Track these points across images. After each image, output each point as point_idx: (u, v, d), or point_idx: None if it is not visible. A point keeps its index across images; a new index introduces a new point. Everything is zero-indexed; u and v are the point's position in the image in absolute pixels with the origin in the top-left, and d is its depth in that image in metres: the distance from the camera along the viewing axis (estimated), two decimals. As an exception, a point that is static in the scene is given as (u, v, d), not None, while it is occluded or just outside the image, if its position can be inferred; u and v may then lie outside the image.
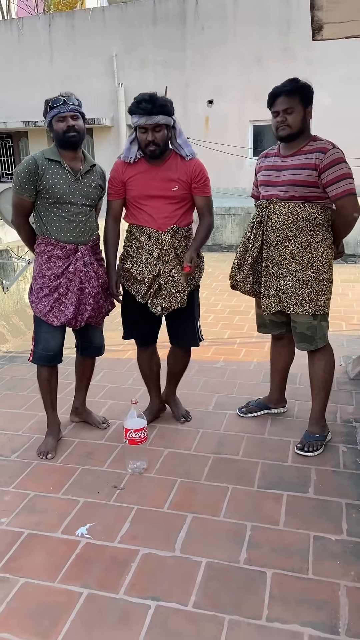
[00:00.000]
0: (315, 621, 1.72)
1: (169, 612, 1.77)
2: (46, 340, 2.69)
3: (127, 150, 2.66)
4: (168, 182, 2.64)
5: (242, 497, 2.37)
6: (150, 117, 2.49)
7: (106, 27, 10.45)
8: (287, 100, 2.51)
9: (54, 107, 2.51)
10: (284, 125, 2.53)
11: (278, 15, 9.56)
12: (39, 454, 2.73)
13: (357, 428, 2.96)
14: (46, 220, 2.60)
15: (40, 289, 2.65)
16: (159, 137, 2.54)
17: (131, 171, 2.68)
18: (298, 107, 2.51)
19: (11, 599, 1.83)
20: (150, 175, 2.65)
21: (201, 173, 2.67)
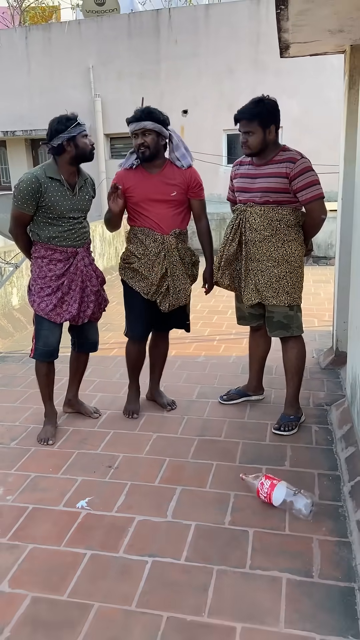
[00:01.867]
0: (292, 568, 1.97)
1: (164, 565, 2.01)
2: (46, 337, 2.88)
3: (126, 160, 2.97)
4: (167, 187, 2.92)
5: (226, 471, 2.62)
6: (139, 122, 2.83)
7: (82, 40, 10.69)
8: (246, 124, 2.77)
9: (77, 125, 2.73)
10: (245, 145, 2.83)
11: (248, 29, 9.93)
12: (40, 440, 2.93)
13: (328, 410, 3.24)
14: (46, 230, 2.78)
15: (41, 289, 2.83)
16: (148, 140, 2.84)
17: (131, 180, 2.94)
18: (257, 130, 2.76)
19: (22, 562, 2.04)
20: (150, 182, 2.93)
21: (196, 179, 2.99)
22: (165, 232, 2.96)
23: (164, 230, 2.96)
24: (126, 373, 3.80)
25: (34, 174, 2.70)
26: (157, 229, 2.96)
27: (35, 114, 11.11)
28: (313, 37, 3.21)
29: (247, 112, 2.75)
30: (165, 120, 2.90)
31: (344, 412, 3.04)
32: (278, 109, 2.78)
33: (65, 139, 2.69)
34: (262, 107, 2.74)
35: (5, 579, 1.95)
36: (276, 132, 2.82)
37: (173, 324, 3.25)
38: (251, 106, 2.75)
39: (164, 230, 2.96)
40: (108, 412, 3.31)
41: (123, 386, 3.68)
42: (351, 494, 2.36)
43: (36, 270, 2.86)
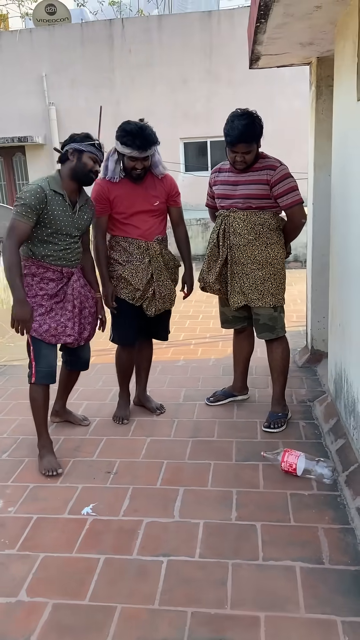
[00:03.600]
0: (303, 556, 2.05)
1: (179, 564, 2.04)
2: (47, 356, 2.72)
3: (111, 171, 2.93)
4: (151, 198, 2.99)
5: (224, 470, 2.68)
6: (143, 151, 2.80)
7: (34, 48, 10.61)
8: (246, 146, 2.82)
9: (92, 145, 2.65)
10: (242, 162, 2.89)
11: (200, 40, 10.15)
12: (46, 471, 2.68)
13: (312, 406, 3.36)
14: (41, 248, 2.66)
15: (33, 309, 2.68)
16: (146, 164, 2.89)
17: (116, 190, 2.96)
18: (254, 147, 2.86)
19: (36, 570, 2.03)
20: (136, 193, 2.97)
21: (175, 187, 3.08)
22: (149, 239, 3.03)
23: (148, 237, 3.03)
24: (109, 380, 3.84)
25: (39, 185, 2.59)
26: (141, 237, 3.02)
27: (-13, 123, 10.91)
28: (284, 49, 3.35)
29: (247, 135, 2.77)
30: (158, 141, 2.91)
31: (328, 407, 3.17)
32: (262, 122, 2.88)
33: (72, 149, 2.64)
34: (257, 127, 2.80)
35: (23, 589, 1.93)
36: None
37: (156, 332, 3.31)
38: (248, 128, 2.76)
39: (148, 237, 3.03)
40: (97, 419, 3.30)
41: (107, 393, 3.69)
42: (347, 483, 2.46)
43: (26, 289, 2.68)
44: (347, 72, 2.62)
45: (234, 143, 2.83)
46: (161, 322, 3.26)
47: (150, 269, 3.01)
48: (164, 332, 3.33)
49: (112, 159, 2.92)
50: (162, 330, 3.31)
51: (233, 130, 2.80)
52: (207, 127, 10.22)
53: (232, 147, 2.86)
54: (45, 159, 11.04)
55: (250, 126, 2.80)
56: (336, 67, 2.91)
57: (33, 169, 11.22)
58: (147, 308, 3.08)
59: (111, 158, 2.92)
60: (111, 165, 2.92)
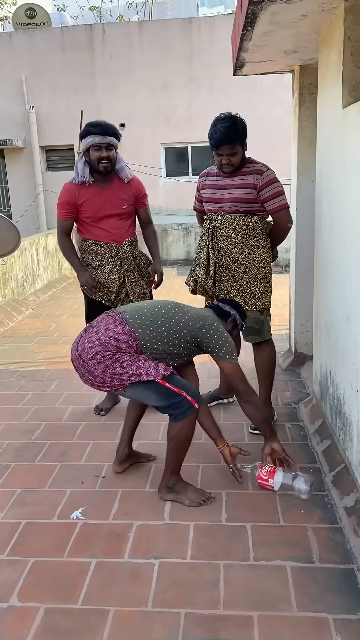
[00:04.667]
0: (293, 556, 2.07)
1: (171, 565, 2.04)
2: (181, 380, 2.43)
3: (81, 171, 3.07)
4: (119, 201, 3.10)
5: (213, 472, 2.69)
6: (106, 137, 2.99)
7: (14, 52, 10.54)
8: (230, 148, 2.85)
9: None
10: (229, 165, 2.92)
11: (181, 46, 10.22)
12: (203, 501, 2.42)
13: (297, 408, 3.40)
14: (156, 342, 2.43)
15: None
16: (111, 155, 3.04)
17: (84, 195, 3.07)
18: (239, 150, 2.89)
19: (27, 575, 2.01)
20: (103, 198, 3.08)
21: (142, 189, 3.24)
22: (120, 242, 3.17)
23: (118, 240, 3.17)
24: (94, 384, 3.82)
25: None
26: (112, 241, 3.16)
27: (-35, 125, 10.79)
28: (268, 57, 3.40)
29: (229, 137, 2.80)
30: (120, 136, 3.13)
31: (314, 409, 3.21)
32: (246, 124, 2.91)
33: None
34: (239, 128, 2.84)
35: (14, 594, 1.91)
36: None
37: None
38: (230, 130, 2.80)
39: (118, 240, 3.17)
40: (83, 423, 3.29)
41: (93, 397, 3.67)
42: (334, 483, 2.50)
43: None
44: (332, 80, 2.67)
45: (217, 145, 2.87)
46: None
47: (122, 271, 3.15)
48: None
49: (80, 162, 3.10)
50: None
51: (216, 133, 2.85)
52: (187, 132, 10.29)
53: (217, 150, 2.90)
54: (25, 163, 10.96)
55: (232, 128, 2.84)
56: (320, 75, 2.97)
57: (12, 172, 11.13)
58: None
59: (80, 161, 3.10)
60: (80, 166, 3.09)
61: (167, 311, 2.46)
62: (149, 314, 2.44)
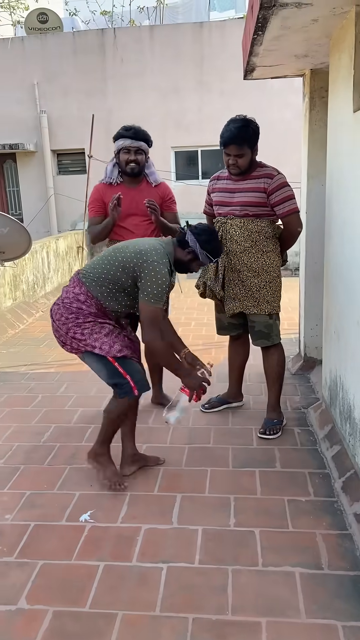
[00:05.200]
0: (302, 562, 2.06)
1: (179, 570, 2.04)
2: (134, 364, 2.55)
3: (110, 172, 3.15)
4: (143, 203, 3.08)
5: (221, 476, 2.68)
6: (136, 141, 3.05)
7: (26, 56, 10.61)
8: (238, 149, 2.86)
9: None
10: (235, 166, 2.93)
11: (191, 50, 10.23)
12: (113, 484, 2.56)
13: (306, 413, 3.38)
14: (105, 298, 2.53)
15: (93, 330, 2.52)
16: (140, 159, 3.11)
17: (111, 194, 3.10)
18: (247, 152, 2.88)
19: (35, 578, 2.01)
20: (129, 197, 3.10)
21: (170, 194, 3.27)
22: None
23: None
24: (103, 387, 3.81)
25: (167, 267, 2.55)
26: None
27: (-23, 129, 10.88)
28: (279, 61, 3.40)
29: (239, 137, 2.81)
30: (151, 142, 3.17)
31: (323, 414, 3.19)
32: (259, 129, 2.91)
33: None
34: (251, 131, 2.84)
35: (22, 596, 1.92)
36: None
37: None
38: (241, 131, 2.82)
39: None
40: (92, 426, 3.29)
41: (102, 400, 3.67)
42: (344, 489, 2.48)
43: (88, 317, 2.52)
44: (343, 84, 2.67)
45: (225, 144, 2.89)
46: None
47: None
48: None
49: (110, 163, 3.18)
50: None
51: (226, 132, 2.88)
52: (198, 136, 10.29)
53: (225, 149, 2.91)
54: (36, 167, 11.03)
55: (243, 129, 2.85)
56: (331, 79, 2.96)
57: (23, 176, 11.20)
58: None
59: (110, 163, 3.18)
60: (109, 168, 3.17)
61: (110, 257, 2.48)
62: (97, 268, 2.50)
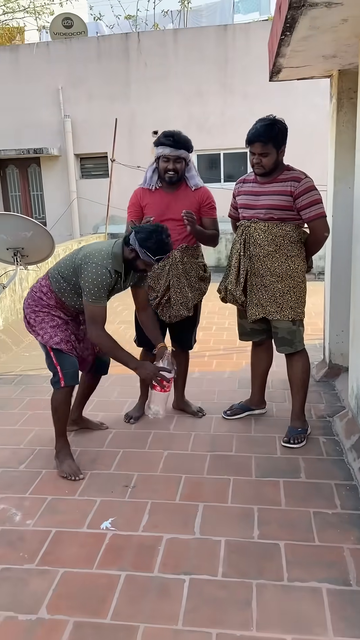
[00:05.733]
0: (329, 577, 2.00)
1: (202, 583, 1.99)
2: (68, 358, 2.77)
3: (149, 179, 3.11)
4: (179, 206, 3.05)
5: (244, 486, 2.63)
6: (176, 150, 2.97)
7: (51, 61, 10.72)
8: (262, 147, 2.82)
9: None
10: (259, 166, 2.89)
11: (215, 53, 10.22)
12: (68, 476, 2.71)
13: (332, 422, 3.30)
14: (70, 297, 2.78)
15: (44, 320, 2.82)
16: (179, 167, 3.03)
17: (148, 198, 3.11)
18: (272, 151, 2.84)
19: (56, 586, 1.99)
20: (166, 203, 3.08)
21: (209, 198, 3.15)
22: (173, 247, 3.03)
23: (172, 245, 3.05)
24: (124, 391, 3.83)
25: (106, 268, 2.67)
26: None
27: (2, 134, 11.03)
28: (306, 62, 3.34)
29: (263, 135, 2.79)
30: (192, 148, 3.09)
31: (349, 423, 3.11)
32: (287, 130, 2.86)
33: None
34: (277, 130, 2.80)
35: (43, 606, 1.89)
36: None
37: (181, 343, 3.37)
38: (266, 129, 2.79)
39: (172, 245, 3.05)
40: (113, 431, 3.27)
41: (123, 404, 3.66)
42: (372, 502, 2.41)
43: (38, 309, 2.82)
44: (373, 85, 2.60)
45: (250, 142, 2.86)
46: (186, 330, 3.32)
47: (169, 276, 3.10)
48: (186, 342, 3.38)
49: (150, 168, 3.13)
50: (185, 339, 3.37)
51: (252, 130, 2.86)
52: (220, 139, 10.26)
53: (250, 147, 2.88)
54: (60, 171, 11.12)
55: (268, 127, 2.81)
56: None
57: (48, 180, 11.31)
58: (161, 314, 3.16)
59: (150, 168, 3.13)
60: (149, 173, 3.13)
61: (69, 258, 2.73)
62: (60, 266, 2.76)
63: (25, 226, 4.16)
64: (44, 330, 2.77)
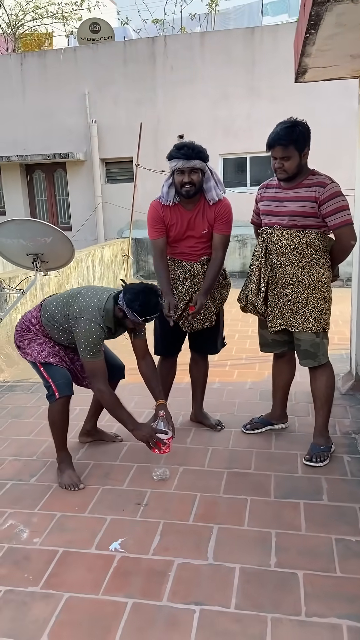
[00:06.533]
0: (350, 613, 1.85)
1: (213, 614, 1.87)
2: (58, 370, 2.75)
3: (166, 194, 2.97)
4: (200, 225, 2.98)
5: (262, 507, 2.49)
6: (189, 161, 2.82)
7: (78, 66, 10.77)
8: (283, 150, 2.69)
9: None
10: (282, 170, 2.76)
11: (242, 56, 10.09)
12: (67, 487, 2.69)
13: (358, 439, 3.14)
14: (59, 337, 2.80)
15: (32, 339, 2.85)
16: (195, 178, 2.87)
17: (169, 216, 2.98)
18: (294, 154, 2.70)
19: (59, 613, 1.89)
20: (186, 221, 2.98)
21: (224, 213, 2.99)
22: (194, 260, 3.07)
23: (193, 259, 3.07)
24: (142, 401, 3.74)
25: (98, 323, 2.68)
26: (185, 259, 3.07)
27: (30, 139, 11.12)
28: (333, 62, 3.19)
29: (284, 138, 2.67)
30: (208, 157, 2.93)
31: (376, 441, 2.95)
32: (310, 132, 2.73)
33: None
34: (298, 132, 2.68)
35: (45, 634, 1.80)
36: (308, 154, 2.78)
37: (204, 347, 3.29)
38: (287, 132, 2.67)
39: (193, 259, 3.07)
40: (128, 444, 3.17)
41: (140, 415, 3.56)
42: None
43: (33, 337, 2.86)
44: None
45: (270, 146, 2.75)
46: (208, 337, 3.24)
47: (191, 289, 3.04)
48: (210, 346, 3.30)
49: (166, 183, 2.98)
50: (208, 344, 3.29)
51: (272, 134, 2.74)
52: (247, 142, 10.11)
53: (271, 152, 2.76)
54: (85, 176, 11.14)
55: (289, 129, 2.69)
56: (390, 80, 2.74)
57: (73, 185, 11.34)
58: (183, 325, 3.11)
59: (166, 183, 2.98)
60: (165, 189, 2.98)
61: (65, 301, 2.74)
62: (54, 304, 2.78)
63: (44, 232, 4.11)
64: (31, 349, 2.80)
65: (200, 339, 3.24)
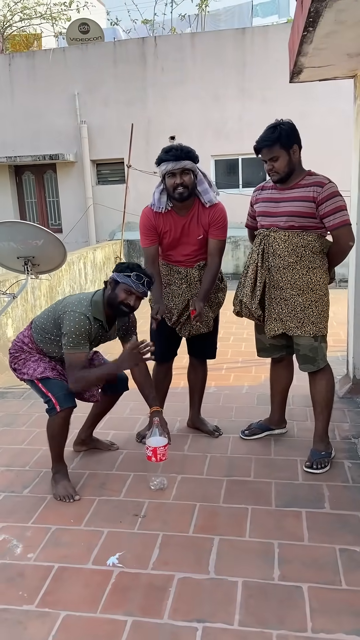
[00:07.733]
0: (358, 629, 1.79)
1: (216, 632, 1.80)
2: (56, 383, 2.67)
3: (157, 201, 2.88)
4: (195, 231, 2.91)
5: (263, 517, 2.43)
6: (178, 162, 2.74)
7: (67, 67, 10.66)
8: (269, 151, 2.66)
9: (130, 276, 2.60)
10: (273, 171, 2.71)
11: (233, 57, 10.04)
12: (61, 498, 2.61)
13: (357, 444, 3.08)
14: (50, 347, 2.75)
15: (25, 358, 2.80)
16: (187, 180, 2.78)
17: (162, 223, 2.90)
18: (281, 153, 2.65)
19: (56, 632, 1.81)
20: (180, 228, 2.90)
21: (219, 218, 2.92)
22: (190, 266, 3.00)
23: (189, 265, 3.00)
24: (137, 407, 3.65)
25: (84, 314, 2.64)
26: (181, 265, 3.01)
27: (19, 141, 10.99)
28: (329, 61, 3.15)
29: (267, 139, 2.64)
30: (197, 158, 2.86)
31: (377, 446, 2.90)
32: (295, 129, 2.67)
33: (111, 279, 2.65)
34: (280, 130, 2.63)
35: (41, 657, 1.72)
36: (299, 152, 2.72)
37: (203, 352, 3.23)
38: (269, 132, 2.65)
39: (189, 265, 3.00)
40: (124, 452, 3.10)
41: (136, 422, 3.49)
42: None
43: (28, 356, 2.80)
44: None
45: (257, 150, 2.73)
46: (206, 341, 3.17)
47: (188, 295, 2.98)
48: (208, 351, 3.25)
49: (157, 190, 2.89)
50: (206, 348, 3.23)
51: (257, 139, 2.71)
52: (238, 144, 10.05)
53: (260, 156, 2.73)
54: (76, 177, 11.03)
55: (270, 131, 2.67)
56: (389, 79, 2.69)
57: (64, 186, 11.23)
58: (179, 330, 3.06)
59: (157, 189, 2.89)
60: (157, 195, 2.89)
61: (51, 311, 2.72)
62: (42, 318, 2.76)
63: (35, 234, 4.02)
64: (27, 367, 2.74)
65: (198, 344, 3.17)
